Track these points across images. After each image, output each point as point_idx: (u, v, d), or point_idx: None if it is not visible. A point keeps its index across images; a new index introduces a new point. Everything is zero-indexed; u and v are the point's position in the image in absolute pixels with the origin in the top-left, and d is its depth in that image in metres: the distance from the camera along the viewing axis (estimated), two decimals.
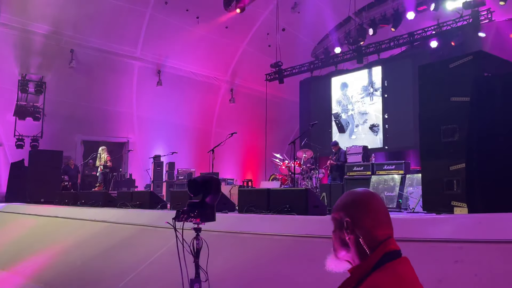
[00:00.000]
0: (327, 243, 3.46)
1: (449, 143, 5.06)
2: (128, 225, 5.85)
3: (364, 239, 1.42)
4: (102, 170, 12.04)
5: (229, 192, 10.46)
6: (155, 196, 8.40)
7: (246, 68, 17.73)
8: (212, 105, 18.08)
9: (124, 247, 5.22)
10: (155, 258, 4.53)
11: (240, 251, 4.06)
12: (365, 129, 15.34)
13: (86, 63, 14.47)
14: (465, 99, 4.88)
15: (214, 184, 2.66)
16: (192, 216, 2.56)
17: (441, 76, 5.24)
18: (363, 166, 9.76)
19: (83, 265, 5.14)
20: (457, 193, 4.93)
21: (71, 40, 14.06)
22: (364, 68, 15.46)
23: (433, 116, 5.27)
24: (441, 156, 5.12)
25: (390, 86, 14.72)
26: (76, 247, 5.82)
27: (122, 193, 9.41)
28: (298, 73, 16.43)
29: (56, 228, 7.18)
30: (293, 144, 8.25)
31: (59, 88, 14.32)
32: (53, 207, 8.88)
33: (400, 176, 8.72)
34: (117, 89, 15.54)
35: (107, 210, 7.45)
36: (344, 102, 16.22)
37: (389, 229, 1.47)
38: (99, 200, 8.95)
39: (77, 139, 15.31)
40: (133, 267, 4.56)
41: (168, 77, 16.31)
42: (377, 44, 13.89)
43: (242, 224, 4.62)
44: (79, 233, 6.30)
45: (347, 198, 1.50)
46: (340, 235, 1.48)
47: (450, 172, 5.01)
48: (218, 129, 17.59)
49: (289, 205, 5.90)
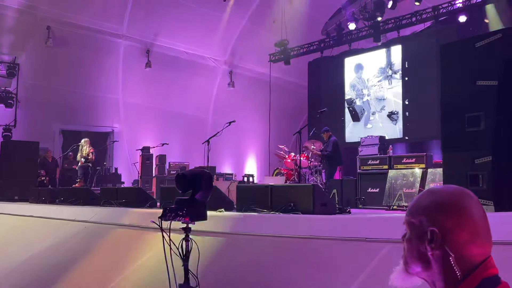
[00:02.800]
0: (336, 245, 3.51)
1: (474, 133, 5.09)
2: (113, 226, 5.94)
3: (455, 258, 1.22)
4: (83, 164, 12.14)
5: (228, 189, 10.55)
6: (143, 193, 8.50)
7: (247, 47, 17.72)
8: (209, 90, 18.12)
9: (108, 250, 5.32)
10: (142, 261, 4.63)
11: (236, 254, 4.14)
12: (382, 117, 15.37)
13: (64, 41, 14.51)
14: (493, 83, 4.90)
15: (205, 179, 2.72)
16: (181, 214, 2.63)
17: (466, 57, 5.25)
18: (379, 159, 9.82)
19: (62, 270, 5.24)
20: (482, 190, 4.97)
21: (47, 15, 14.07)
22: (382, 47, 15.43)
23: (456, 102, 5.29)
24: (465, 148, 5.15)
25: (411, 68, 14.70)
26: (55, 250, 5.93)
27: (106, 189, 9.52)
28: (306, 53, 16.44)
29: (32, 228, 7.29)
30: (300, 134, 8.31)
31: (34, 71, 14.38)
32: (28, 205, 9.00)
33: (421, 171, 8.77)
34: (100, 71, 15.59)
35: (89, 208, 7.55)
36: (359, 86, 16.22)
37: (489, 245, 1.26)
38: (80, 198, 9.06)
39: (55, 129, 15.41)
40: (118, 272, 4.65)
41: (158, 57, 16.34)
42: (397, 20, 13.86)
43: (240, 224, 4.70)
44: (57, 235, 6.40)
45: (432, 198, 1.29)
46: (418, 247, 1.27)
47: (475, 165, 5.04)
48: (215, 117, 17.65)
49: (293, 203, 5.99)
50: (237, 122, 9.57)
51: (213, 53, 17.64)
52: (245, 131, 18.04)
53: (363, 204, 9.57)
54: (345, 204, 9.36)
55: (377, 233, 3.50)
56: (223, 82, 18.33)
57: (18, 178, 11.36)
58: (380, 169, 9.60)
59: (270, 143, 15.69)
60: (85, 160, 12.23)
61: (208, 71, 17.75)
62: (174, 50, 16.69)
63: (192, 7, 15.63)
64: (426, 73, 13.99)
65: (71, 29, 14.50)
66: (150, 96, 16.59)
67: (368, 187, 9.70)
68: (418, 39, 14.88)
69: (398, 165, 9.38)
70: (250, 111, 18.19)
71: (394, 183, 8.90)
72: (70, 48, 14.67)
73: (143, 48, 16.25)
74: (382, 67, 15.48)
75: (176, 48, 16.70)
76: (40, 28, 14.10)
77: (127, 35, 15.71)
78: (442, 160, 5.72)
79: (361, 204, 9.60)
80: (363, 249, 3.42)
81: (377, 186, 9.48)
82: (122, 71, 16.08)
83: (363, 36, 14.92)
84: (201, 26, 16.33)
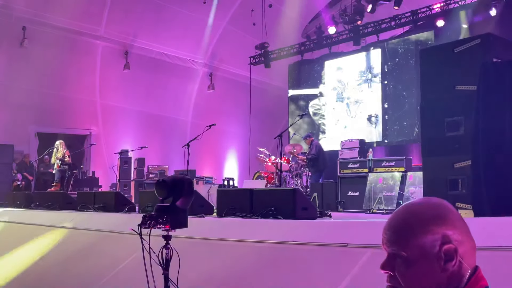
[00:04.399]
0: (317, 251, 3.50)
1: (454, 137, 5.16)
2: (90, 231, 5.84)
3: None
4: (59, 167, 11.93)
5: (208, 193, 10.50)
6: (122, 197, 8.39)
7: (227, 49, 17.69)
8: (188, 93, 18.02)
9: (85, 257, 5.22)
10: (120, 268, 4.55)
11: (218, 261, 4.09)
12: (362, 120, 15.48)
13: (41, 42, 14.23)
14: (472, 88, 4.97)
15: (186, 185, 2.68)
16: (161, 222, 2.58)
17: (445, 62, 5.32)
18: (359, 163, 9.88)
19: (37, 278, 5.12)
20: (462, 194, 5.04)
21: (22, 15, 13.81)
22: (361, 50, 15.56)
23: (436, 107, 5.37)
24: (444, 152, 5.22)
25: (390, 71, 14.86)
26: (29, 257, 5.79)
27: (83, 193, 9.38)
28: (286, 56, 16.46)
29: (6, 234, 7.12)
30: (281, 138, 8.30)
31: (9, 72, 14.09)
32: (2, 210, 8.79)
33: (400, 174, 8.86)
34: (77, 73, 15.36)
35: (65, 213, 7.42)
36: (339, 90, 16.32)
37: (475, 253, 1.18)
38: (56, 202, 8.90)
39: (30, 131, 15.12)
40: (95, 280, 4.57)
41: (137, 59, 16.17)
42: (376, 24, 13.99)
43: (220, 230, 4.66)
44: (32, 241, 6.26)
45: (428, 213, 1.15)
46: (430, 271, 1.11)
47: (455, 170, 5.11)
48: (195, 120, 17.55)
49: (275, 207, 5.98)
50: (217, 125, 9.52)
51: (193, 55, 17.56)
52: (225, 133, 17.99)
53: (343, 207, 9.62)
54: (326, 207, 9.39)
55: (358, 239, 3.50)
56: (203, 85, 18.25)
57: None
58: (360, 173, 9.66)
59: (251, 146, 15.66)
60: (61, 162, 12.03)
61: (188, 73, 17.65)
62: (153, 51, 16.55)
63: (171, 9, 15.54)
64: (405, 77, 14.16)
65: (48, 30, 14.25)
66: (129, 98, 16.42)
67: (348, 191, 9.75)
68: (397, 43, 15.05)
69: (378, 169, 9.46)
70: (230, 113, 18.15)
71: (374, 187, 8.97)
72: (47, 49, 14.40)
73: (121, 50, 16.07)
74: (362, 70, 15.61)
75: (155, 50, 16.57)
76: (15, 28, 13.83)
77: (105, 36, 15.52)
78: (422, 165, 5.79)
79: (341, 207, 9.64)
80: (345, 254, 3.42)
81: (357, 189, 9.54)
82: (100, 73, 15.88)
83: (343, 39, 15.01)
84: (180, 28, 16.23)
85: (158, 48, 16.54)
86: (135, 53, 16.20)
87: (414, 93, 13.46)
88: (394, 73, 14.74)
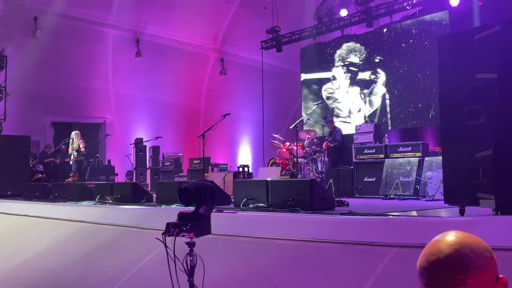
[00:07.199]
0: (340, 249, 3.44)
1: (475, 126, 5.04)
2: (109, 226, 5.86)
3: None
4: (76, 158, 12.02)
5: (223, 180, 10.48)
6: (139, 188, 8.45)
7: (238, 34, 17.51)
8: (200, 78, 17.95)
9: (105, 253, 5.24)
10: (141, 266, 4.56)
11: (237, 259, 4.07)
12: (376, 103, 15.30)
13: (52, 32, 14.24)
14: (493, 75, 4.84)
15: (208, 192, 2.65)
16: (185, 230, 2.56)
17: (465, 49, 5.18)
18: (375, 148, 9.78)
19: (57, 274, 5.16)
20: (483, 184, 4.94)
21: (34, 6, 13.82)
22: (374, 32, 15.28)
23: (455, 95, 5.24)
24: (465, 141, 5.10)
25: (404, 53, 14.60)
26: (50, 253, 5.84)
27: (101, 184, 9.43)
28: (298, 40, 16.25)
29: (26, 228, 7.18)
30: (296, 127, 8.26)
31: (22, 63, 14.14)
32: (22, 203, 8.87)
33: (417, 159, 8.77)
34: (90, 62, 15.37)
35: (84, 207, 7.46)
36: (352, 73, 16.11)
37: None
38: (75, 193, 9.00)
39: (45, 121, 15.24)
40: (115, 277, 4.58)
41: (148, 46, 16.13)
42: (389, 4, 13.71)
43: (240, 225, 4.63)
44: (53, 236, 6.31)
45: (468, 248, 1.13)
46: None
47: (476, 159, 5.01)
48: (208, 106, 17.53)
49: (292, 198, 5.96)
50: (229, 110, 9.48)
51: (204, 40, 17.44)
52: (238, 119, 17.92)
53: (359, 193, 9.56)
54: (342, 193, 9.35)
55: (381, 237, 3.45)
56: (214, 70, 18.15)
57: (11, 172, 11.24)
58: (377, 158, 9.57)
59: (264, 131, 15.58)
60: (78, 153, 12.11)
61: (199, 59, 17.55)
62: (164, 38, 16.46)
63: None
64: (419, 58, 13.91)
65: (59, 20, 14.22)
66: (141, 86, 16.42)
67: (364, 176, 9.68)
68: (411, 23, 14.76)
69: (394, 154, 9.35)
70: (243, 98, 18.05)
71: (391, 172, 8.89)
72: (59, 39, 14.42)
73: (132, 37, 16.03)
74: (376, 52, 15.36)
75: (166, 37, 16.48)
76: (27, 19, 13.86)
77: (116, 24, 15.46)
78: (442, 154, 5.69)
79: (358, 193, 9.59)
80: (368, 253, 3.37)
81: (373, 175, 9.46)
82: (112, 61, 15.87)
83: (356, 21, 14.75)
84: (191, 14, 16.11)
85: (169, 34, 16.45)
86: (146, 40, 16.14)
87: (429, 74, 13.23)
88: (409, 54, 14.47)
